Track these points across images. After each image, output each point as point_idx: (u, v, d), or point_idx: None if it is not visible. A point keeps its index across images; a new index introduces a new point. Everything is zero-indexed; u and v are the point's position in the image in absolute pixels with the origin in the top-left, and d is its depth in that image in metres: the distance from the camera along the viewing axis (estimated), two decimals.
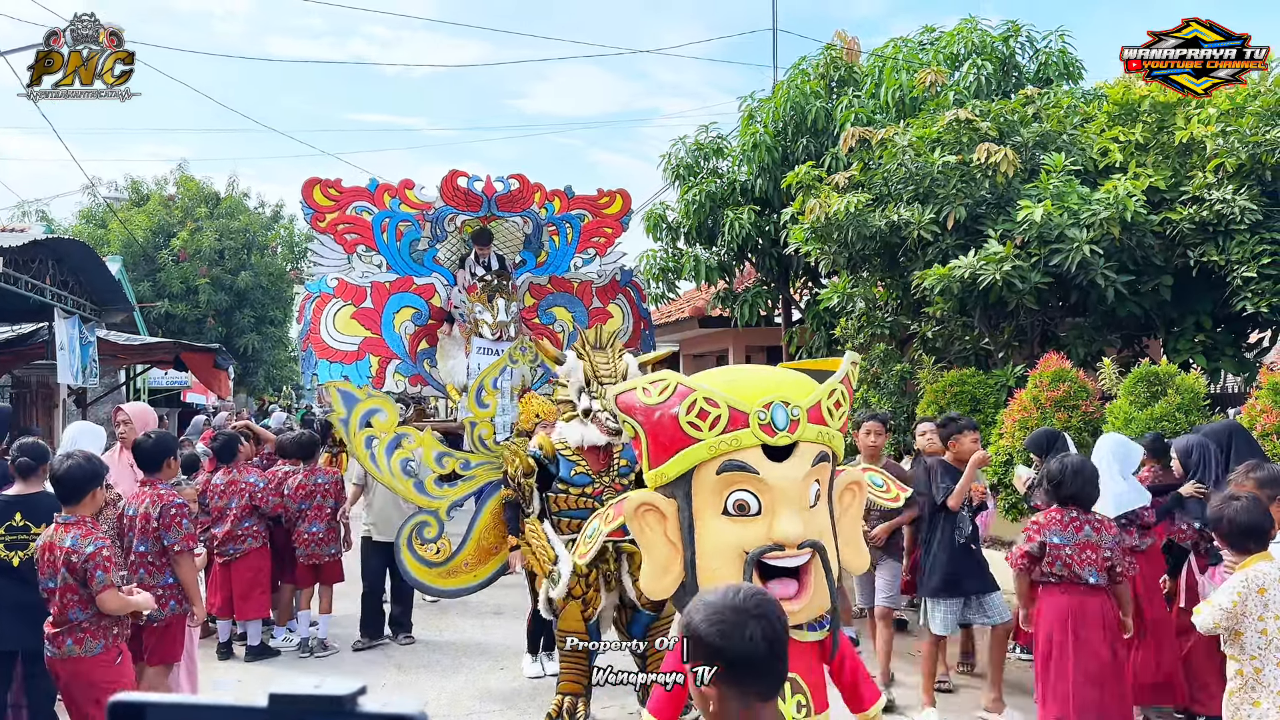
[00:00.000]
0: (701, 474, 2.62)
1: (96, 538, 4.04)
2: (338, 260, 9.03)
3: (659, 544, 2.66)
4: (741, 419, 2.59)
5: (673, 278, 13.18)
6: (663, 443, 2.65)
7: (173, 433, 13.14)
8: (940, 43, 11.40)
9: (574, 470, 5.28)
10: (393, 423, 6.63)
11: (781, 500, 2.58)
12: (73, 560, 3.97)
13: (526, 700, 5.87)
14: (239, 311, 24.75)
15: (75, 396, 15.09)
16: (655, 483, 2.70)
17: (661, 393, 2.66)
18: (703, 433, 2.59)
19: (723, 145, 12.80)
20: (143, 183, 26.68)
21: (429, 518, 6.63)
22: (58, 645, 4.03)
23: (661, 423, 2.64)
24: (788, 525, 2.56)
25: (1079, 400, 7.44)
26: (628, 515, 2.68)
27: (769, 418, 2.60)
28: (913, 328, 10.39)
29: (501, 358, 7.79)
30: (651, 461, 2.69)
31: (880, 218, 8.81)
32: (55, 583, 4.01)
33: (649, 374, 2.91)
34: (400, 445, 6.56)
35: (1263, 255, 7.37)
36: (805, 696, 2.68)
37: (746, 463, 2.59)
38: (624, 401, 2.72)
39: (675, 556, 2.65)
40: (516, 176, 9.35)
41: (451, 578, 6.67)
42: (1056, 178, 8.05)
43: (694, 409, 2.60)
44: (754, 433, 2.59)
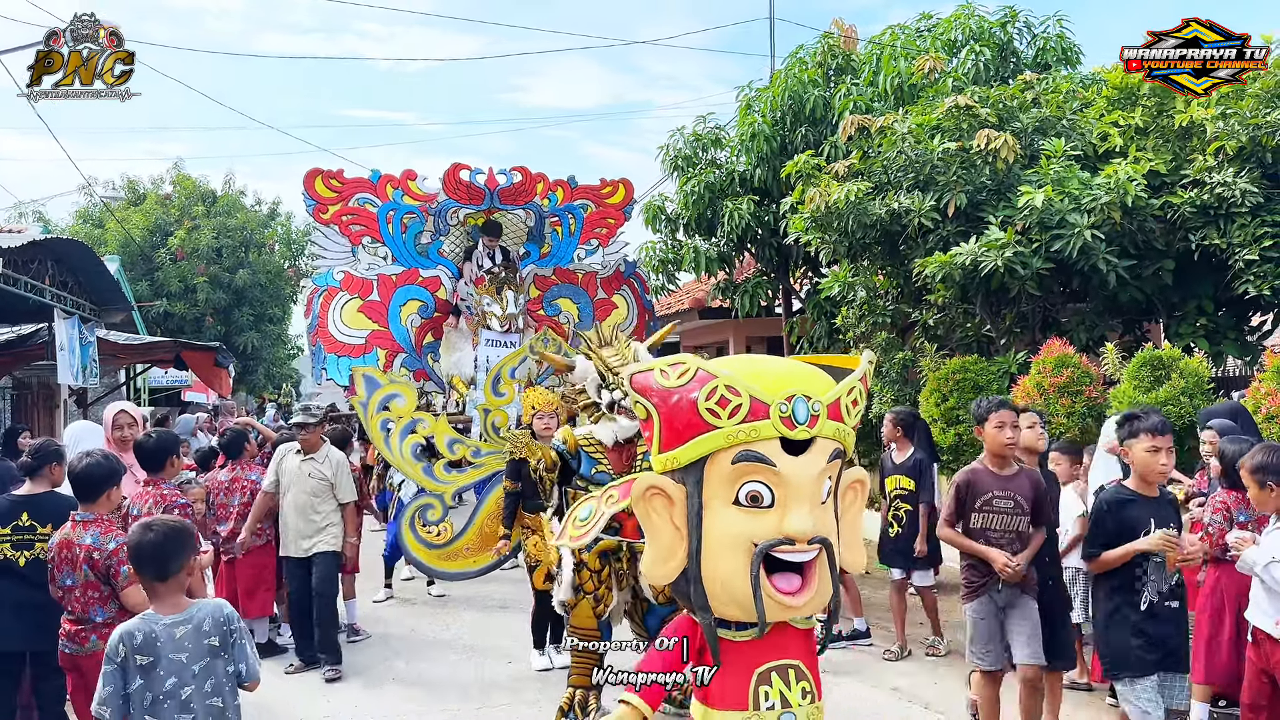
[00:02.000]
0: (716, 462, 2.57)
1: (116, 534, 4.05)
2: (341, 252, 9.01)
3: (664, 529, 2.62)
4: (762, 410, 2.54)
5: (672, 269, 13.18)
6: (677, 427, 2.60)
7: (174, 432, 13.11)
8: (938, 29, 11.38)
9: (595, 468, 5.27)
10: (410, 408, 6.79)
11: (795, 495, 2.55)
12: (94, 557, 3.98)
13: (535, 692, 5.88)
14: (237, 309, 24.72)
15: (76, 397, 15.09)
16: (664, 467, 2.65)
17: (681, 376, 2.60)
18: (721, 420, 2.54)
19: (721, 136, 12.78)
20: (139, 182, 26.61)
21: (433, 500, 6.71)
22: (80, 642, 4.04)
23: (679, 407, 2.59)
24: (800, 520, 2.52)
25: (1082, 386, 7.43)
26: (635, 496, 2.63)
27: (790, 410, 2.55)
28: (914, 316, 10.39)
29: (522, 348, 7.82)
30: (663, 445, 2.64)
31: (880, 206, 8.80)
32: (74, 580, 4.01)
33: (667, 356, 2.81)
34: (414, 430, 6.72)
35: (1264, 238, 7.36)
36: (809, 683, 2.68)
37: (764, 454, 2.54)
38: (639, 382, 2.65)
39: (680, 543, 2.61)
40: (519, 169, 9.32)
41: (451, 561, 6.76)
42: (1057, 163, 8.03)
43: (714, 395, 2.55)
44: (774, 424, 2.54)
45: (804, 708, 2.65)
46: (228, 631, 3.05)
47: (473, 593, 8.46)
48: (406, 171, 9.19)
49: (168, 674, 2.93)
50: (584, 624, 5.17)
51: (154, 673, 2.92)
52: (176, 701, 2.91)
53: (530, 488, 6.11)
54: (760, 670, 2.62)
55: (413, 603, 8.39)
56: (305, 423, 6.57)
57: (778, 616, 2.59)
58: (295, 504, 6.41)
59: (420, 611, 8.08)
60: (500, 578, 9.03)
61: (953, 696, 5.69)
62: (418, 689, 6.07)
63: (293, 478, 6.51)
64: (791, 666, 2.66)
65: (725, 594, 2.56)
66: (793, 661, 2.67)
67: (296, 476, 6.50)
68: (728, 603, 2.57)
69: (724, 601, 2.57)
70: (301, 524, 6.42)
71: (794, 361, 2.91)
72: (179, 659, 2.95)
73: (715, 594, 2.57)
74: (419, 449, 6.80)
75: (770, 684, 2.62)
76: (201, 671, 2.97)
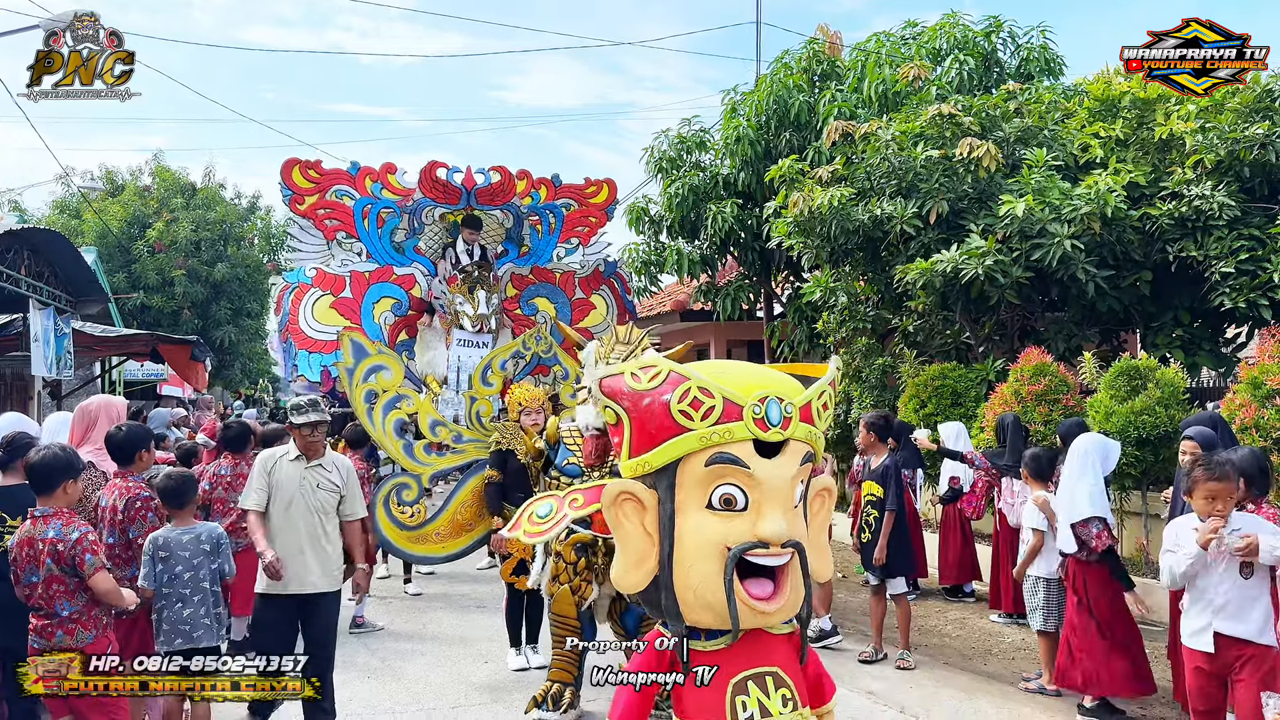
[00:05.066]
0: (688, 465, 2.53)
1: (79, 524, 4.01)
2: (316, 246, 8.94)
3: (636, 535, 2.57)
4: (735, 411, 2.51)
5: (655, 271, 13.20)
6: (649, 431, 2.55)
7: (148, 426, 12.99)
8: (923, 38, 11.46)
9: (567, 460, 5.34)
10: (396, 381, 6.70)
11: (769, 497, 2.52)
12: (59, 550, 3.92)
13: (512, 692, 5.85)
14: (215, 304, 24.52)
15: (50, 389, 14.92)
16: (635, 472, 2.60)
17: (652, 379, 2.55)
18: (694, 422, 2.51)
19: (706, 139, 12.81)
20: (118, 173, 26.36)
21: (410, 480, 6.66)
22: (47, 637, 3.98)
23: (650, 410, 2.54)
24: (774, 523, 2.48)
25: (1059, 394, 7.50)
26: (606, 503, 2.58)
27: (763, 412, 2.52)
28: (894, 322, 10.44)
29: (515, 341, 7.79)
30: (634, 449, 2.59)
31: (863, 212, 8.85)
32: (38, 576, 3.96)
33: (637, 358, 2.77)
34: (398, 405, 6.65)
35: (1240, 251, 7.44)
36: (790, 690, 2.63)
37: (738, 456, 2.50)
38: (609, 386, 2.61)
39: (651, 549, 2.57)
40: (497, 168, 9.22)
41: (420, 544, 6.70)
42: (1038, 173, 8.10)
43: (687, 397, 2.51)
44: (748, 426, 2.51)
45: (785, 716, 2.59)
46: (217, 542, 4.54)
47: (449, 592, 8.43)
48: (386, 165, 9.11)
49: (178, 564, 4.43)
50: (564, 611, 5.22)
51: (169, 563, 4.42)
52: (182, 581, 4.41)
53: (514, 479, 6.11)
54: (736, 680, 2.57)
55: (388, 601, 8.34)
56: (315, 421, 5.04)
57: (751, 623, 2.54)
58: (302, 525, 4.93)
59: (396, 610, 8.03)
60: (478, 577, 9.01)
61: (930, 700, 5.72)
62: (394, 687, 6.03)
63: (295, 490, 4.98)
64: (769, 674, 2.61)
65: (698, 600, 2.51)
66: (770, 669, 2.61)
67: (300, 489, 4.99)
68: (700, 609, 2.52)
69: (696, 608, 2.52)
70: (311, 552, 4.93)
71: (761, 366, 2.88)
72: (185, 555, 4.44)
73: (687, 601, 2.52)
74: (401, 425, 6.73)
75: (747, 693, 2.57)
76: (199, 564, 4.45)
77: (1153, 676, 5.35)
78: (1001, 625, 7.31)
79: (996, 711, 5.55)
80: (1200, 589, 4.10)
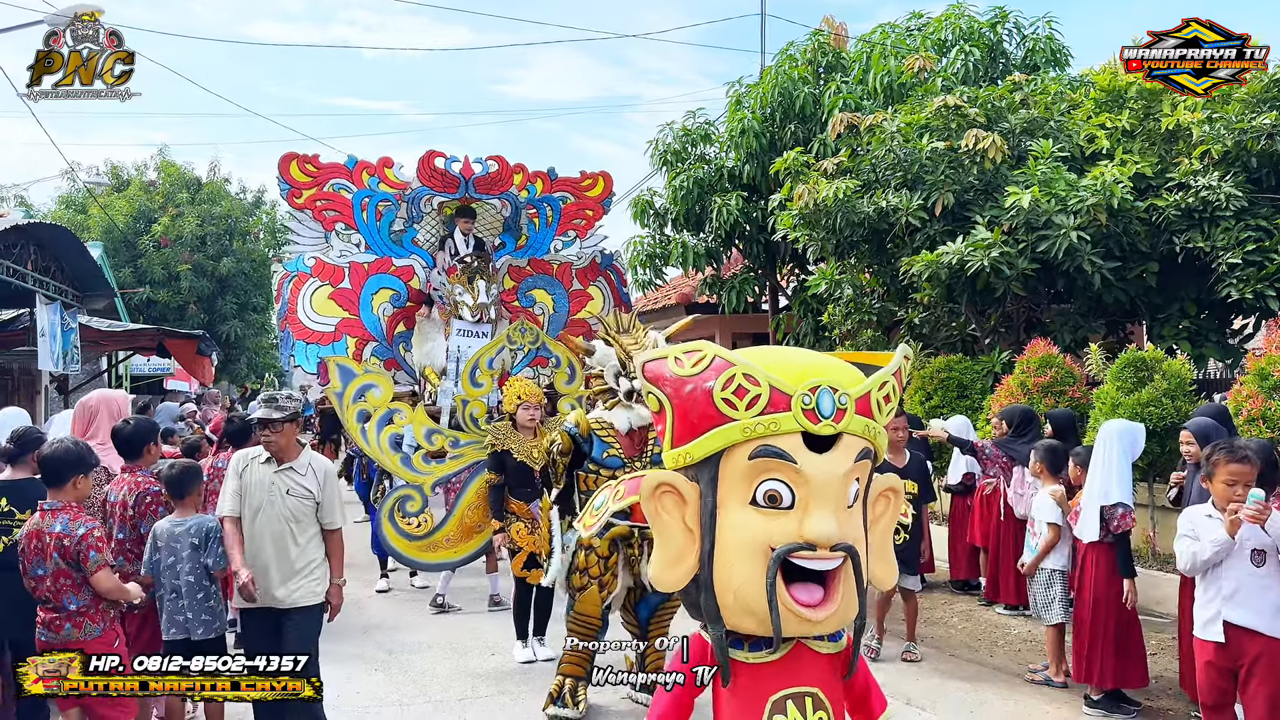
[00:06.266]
0: (731, 458, 2.35)
1: (85, 520, 4.04)
2: (315, 238, 8.94)
3: (675, 531, 2.40)
4: (783, 401, 2.32)
5: (660, 264, 13.19)
6: (691, 420, 2.38)
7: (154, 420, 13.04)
8: (928, 29, 11.43)
9: (607, 452, 5.26)
10: (387, 398, 6.77)
11: (818, 496, 2.32)
12: (65, 544, 3.95)
13: (519, 684, 5.87)
14: (221, 298, 24.58)
15: (57, 383, 14.97)
16: (677, 463, 2.42)
17: (695, 364, 2.38)
18: (738, 412, 2.32)
19: (711, 131, 12.79)
20: (123, 168, 26.39)
21: (413, 491, 6.70)
22: (55, 630, 4.01)
23: (693, 397, 2.37)
24: (822, 524, 2.28)
25: (1066, 385, 7.49)
26: (644, 495, 2.40)
27: (814, 403, 2.32)
28: (900, 314, 10.43)
29: (499, 338, 7.79)
30: (675, 439, 2.42)
31: (868, 204, 8.83)
32: (45, 569, 3.99)
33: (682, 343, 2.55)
34: (391, 421, 6.70)
35: (1247, 242, 7.42)
36: (828, 714, 2.46)
37: (784, 450, 2.31)
38: (652, 371, 2.44)
39: (692, 546, 2.39)
40: (495, 158, 9.21)
41: (431, 552, 6.76)
42: (1044, 164, 8.08)
43: (731, 384, 2.33)
44: (796, 417, 2.31)
45: None
46: (205, 536, 4.50)
47: (456, 584, 8.45)
48: (383, 159, 9.12)
49: (170, 554, 4.48)
50: (589, 610, 5.17)
51: (164, 553, 4.48)
52: (173, 572, 4.45)
53: (514, 477, 6.12)
54: (775, 698, 2.41)
55: (396, 594, 8.37)
56: (267, 419, 4.57)
57: (795, 631, 2.37)
58: (268, 533, 4.54)
59: (403, 602, 8.06)
60: (484, 570, 9.02)
61: (936, 692, 5.73)
62: (401, 680, 6.05)
63: (264, 496, 4.59)
64: (809, 694, 2.45)
65: (739, 604, 2.34)
66: (811, 689, 2.45)
67: (269, 494, 4.59)
68: (741, 613, 2.36)
69: (737, 612, 2.36)
70: (277, 561, 4.53)
71: (821, 354, 2.67)
72: (176, 547, 4.47)
73: (727, 604, 2.36)
74: (396, 440, 6.78)
75: (785, 713, 2.41)
76: (188, 557, 4.47)
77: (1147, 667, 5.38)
78: (1007, 617, 7.31)
79: (1003, 703, 5.56)
80: (1211, 577, 4.10)
